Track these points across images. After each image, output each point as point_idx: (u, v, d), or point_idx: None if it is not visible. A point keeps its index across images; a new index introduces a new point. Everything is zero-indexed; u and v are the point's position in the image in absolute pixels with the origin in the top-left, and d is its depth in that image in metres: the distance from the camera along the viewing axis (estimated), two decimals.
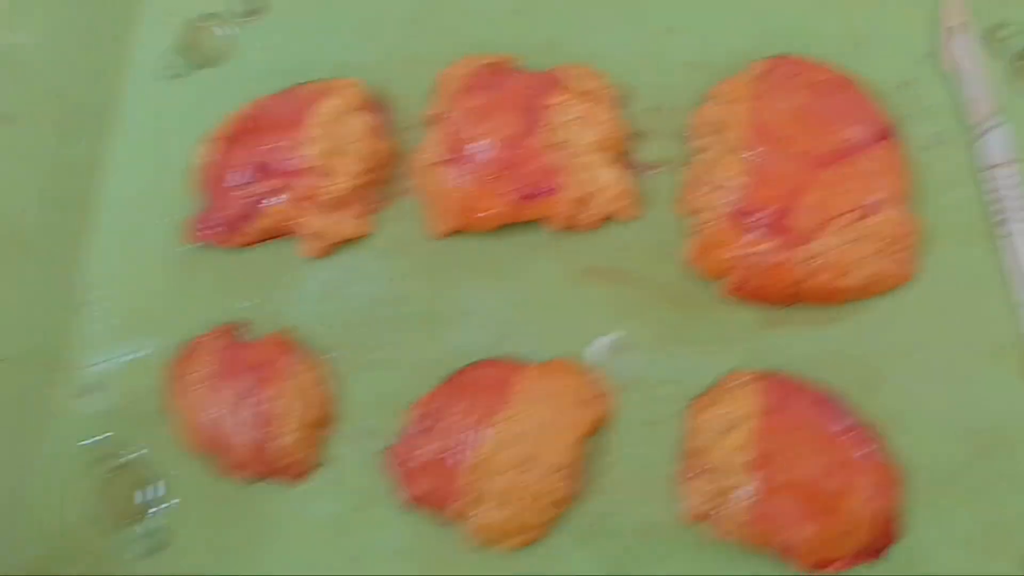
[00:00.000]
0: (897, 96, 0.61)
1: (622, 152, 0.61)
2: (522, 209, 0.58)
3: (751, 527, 0.52)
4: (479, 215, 0.58)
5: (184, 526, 0.59)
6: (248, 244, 0.61)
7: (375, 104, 0.63)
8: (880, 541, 0.52)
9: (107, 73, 0.67)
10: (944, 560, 0.54)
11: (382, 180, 0.62)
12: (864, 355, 0.57)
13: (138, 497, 0.59)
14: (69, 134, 0.64)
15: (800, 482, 0.52)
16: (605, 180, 0.58)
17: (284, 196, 0.59)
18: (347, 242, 0.61)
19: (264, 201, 0.59)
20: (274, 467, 0.57)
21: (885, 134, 0.57)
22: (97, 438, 0.61)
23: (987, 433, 0.55)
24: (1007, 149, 0.59)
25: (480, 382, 0.56)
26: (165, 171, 0.65)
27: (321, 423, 0.58)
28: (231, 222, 0.60)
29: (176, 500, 0.59)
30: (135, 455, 0.60)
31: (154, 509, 0.59)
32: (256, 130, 0.59)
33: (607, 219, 0.60)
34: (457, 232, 0.60)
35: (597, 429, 0.56)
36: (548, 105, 0.58)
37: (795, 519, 0.51)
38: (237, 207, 0.59)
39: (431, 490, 0.54)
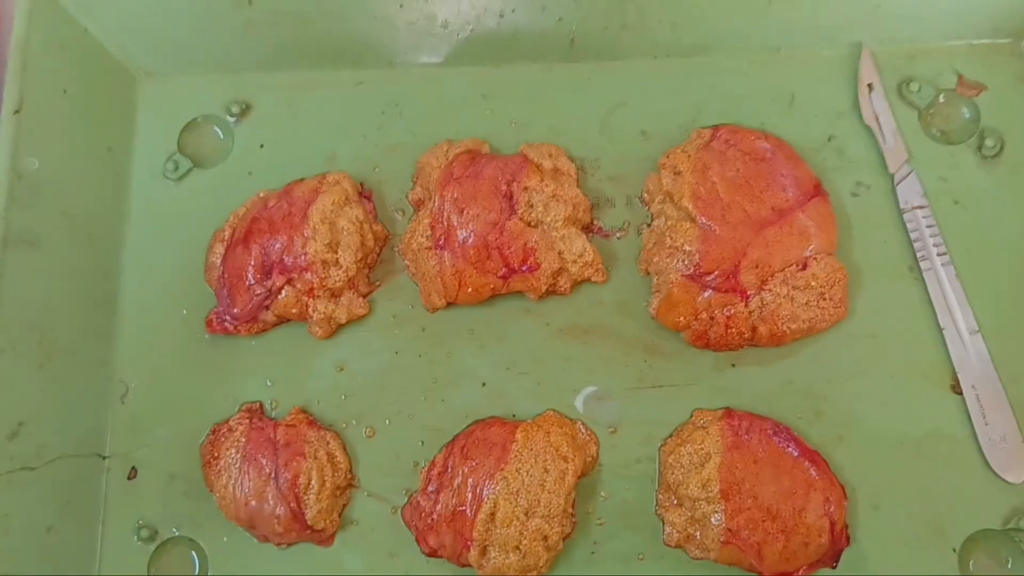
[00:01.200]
0: (824, 150, 0.70)
1: (590, 221, 0.68)
2: (507, 284, 0.65)
3: (724, 548, 0.60)
4: (468, 291, 0.65)
5: None
6: (264, 331, 0.68)
7: (363, 192, 0.70)
8: (834, 548, 0.61)
9: (116, 182, 0.72)
10: (889, 559, 0.63)
11: (376, 261, 0.69)
12: (809, 387, 0.66)
13: (186, 568, 0.66)
14: (88, 245, 0.69)
15: (763, 505, 0.60)
16: (577, 251, 0.65)
17: (293, 288, 0.65)
18: (351, 321, 0.68)
19: (276, 295, 0.65)
20: (306, 532, 0.64)
21: (815, 191, 0.65)
22: (146, 516, 0.67)
23: (920, 442, 0.64)
24: (922, 192, 0.68)
25: (482, 441, 0.63)
26: (179, 268, 0.71)
27: (344, 488, 0.65)
28: (248, 314, 0.66)
29: (220, 569, 0.66)
30: (181, 530, 0.67)
31: None
32: (262, 232, 0.65)
33: (580, 283, 0.67)
34: (449, 305, 0.67)
35: (588, 472, 0.64)
36: (522, 188, 0.65)
37: (761, 537, 0.59)
38: (252, 301, 0.65)
39: (446, 542, 0.62)
